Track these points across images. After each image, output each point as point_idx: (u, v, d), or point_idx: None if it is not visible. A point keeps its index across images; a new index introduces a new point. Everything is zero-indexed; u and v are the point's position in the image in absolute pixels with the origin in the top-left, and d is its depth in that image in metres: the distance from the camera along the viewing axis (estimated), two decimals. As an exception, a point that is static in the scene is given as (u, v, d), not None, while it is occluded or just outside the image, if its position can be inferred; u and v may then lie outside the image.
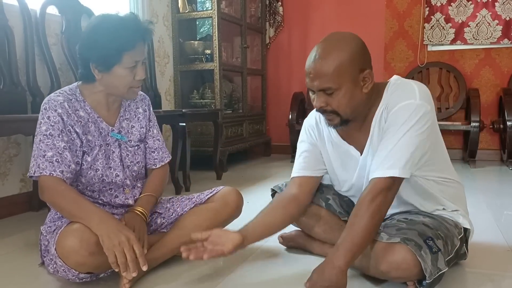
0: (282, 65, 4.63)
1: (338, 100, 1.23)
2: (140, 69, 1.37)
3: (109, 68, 1.32)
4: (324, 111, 1.27)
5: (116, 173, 1.45)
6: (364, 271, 1.32)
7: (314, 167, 1.46)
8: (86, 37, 1.34)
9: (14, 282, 1.41)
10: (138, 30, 1.34)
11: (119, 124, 1.49)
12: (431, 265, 1.13)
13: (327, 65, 1.20)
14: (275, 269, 1.47)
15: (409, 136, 1.19)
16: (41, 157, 1.30)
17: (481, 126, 3.59)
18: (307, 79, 1.26)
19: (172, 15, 3.69)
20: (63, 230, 1.25)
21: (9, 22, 2.16)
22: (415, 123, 1.19)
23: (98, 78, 1.36)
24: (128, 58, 1.32)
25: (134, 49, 1.32)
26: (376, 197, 1.18)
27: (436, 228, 1.24)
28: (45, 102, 1.35)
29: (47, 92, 2.36)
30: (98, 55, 1.31)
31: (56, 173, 1.30)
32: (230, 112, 3.93)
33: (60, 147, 1.31)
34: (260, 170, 3.76)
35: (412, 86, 1.26)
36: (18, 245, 1.79)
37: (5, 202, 2.24)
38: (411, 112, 1.20)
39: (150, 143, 1.58)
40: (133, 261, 1.20)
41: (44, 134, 1.31)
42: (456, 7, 3.96)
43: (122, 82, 1.35)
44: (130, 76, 1.35)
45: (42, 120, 1.33)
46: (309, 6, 4.45)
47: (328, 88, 1.22)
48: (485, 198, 2.53)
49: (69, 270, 1.24)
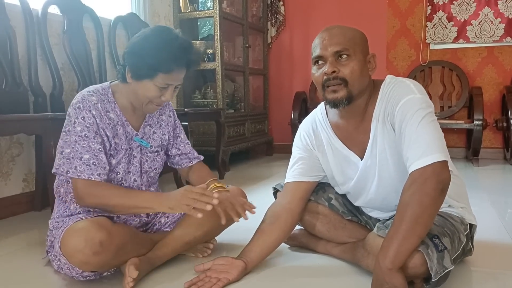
0: (284, 64, 4.63)
1: (351, 67, 1.24)
2: (169, 92, 1.36)
3: (140, 79, 1.33)
4: (334, 77, 1.24)
5: (135, 178, 1.46)
6: (369, 269, 1.31)
7: (310, 173, 1.45)
8: (134, 43, 1.33)
9: (16, 282, 1.41)
10: (182, 58, 1.32)
11: (143, 130, 1.49)
12: (437, 264, 1.12)
13: (345, 31, 1.26)
14: (278, 268, 1.46)
15: (427, 123, 1.17)
16: (77, 159, 1.30)
17: (484, 124, 3.58)
18: (317, 47, 1.26)
19: (174, 14, 3.69)
20: (68, 228, 1.25)
21: (11, 22, 2.16)
22: (427, 113, 1.19)
23: (128, 82, 1.37)
24: (161, 79, 1.31)
25: (170, 74, 1.31)
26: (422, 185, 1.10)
27: (442, 225, 1.23)
28: (79, 101, 1.33)
29: (49, 91, 2.36)
30: (135, 63, 1.31)
31: (94, 176, 1.31)
32: (232, 112, 3.93)
33: (96, 149, 1.32)
34: (262, 170, 3.76)
35: (408, 83, 1.26)
36: (20, 244, 1.78)
37: (8, 202, 2.23)
38: (417, 104, 1.20)
39: (182, 149, 1.62)
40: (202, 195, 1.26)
41: (79, 135, 1.31)
42: (459, 5, 3.95)
43: (146, 95, 1.35)
44: (157, 94, 1.34)
45: (76, 119, 1.31)
46: (310, 6, 4.45)
47: (345, 50, 1.23)
48: (489, 196, 2.52)
49: (73, 268, 1.24)
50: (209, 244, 1.60)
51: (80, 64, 2.54)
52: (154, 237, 1.48)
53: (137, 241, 1.38)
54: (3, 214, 2.19)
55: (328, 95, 1.28)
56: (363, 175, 1.35)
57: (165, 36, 1.31)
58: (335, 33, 1.25)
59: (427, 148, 1.13)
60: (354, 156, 1.35)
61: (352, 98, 1.27)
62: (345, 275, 1.39)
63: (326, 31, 1.27)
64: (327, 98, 1.29)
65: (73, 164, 1.31)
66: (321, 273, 1.41)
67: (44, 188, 2.28)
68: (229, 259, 1.35)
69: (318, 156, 1.44)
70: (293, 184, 1.45)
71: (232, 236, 1.71)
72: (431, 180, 1.10)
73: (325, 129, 1.41)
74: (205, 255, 1.56)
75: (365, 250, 1.30)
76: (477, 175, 3.24)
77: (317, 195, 1.51)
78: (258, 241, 1.39)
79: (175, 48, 1.29)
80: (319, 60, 1.27)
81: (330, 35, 1.25)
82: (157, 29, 1.36)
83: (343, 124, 1.37)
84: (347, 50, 1.23)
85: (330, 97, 1.27)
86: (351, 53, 1.23)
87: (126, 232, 1.33)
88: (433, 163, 1.11)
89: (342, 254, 1.48)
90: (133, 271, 1.25)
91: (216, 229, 1.55)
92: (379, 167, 1.31)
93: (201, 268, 1.35)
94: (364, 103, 1.31)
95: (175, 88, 1.38)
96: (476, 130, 3.57)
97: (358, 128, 1.33)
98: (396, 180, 1.29)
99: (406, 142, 1.18)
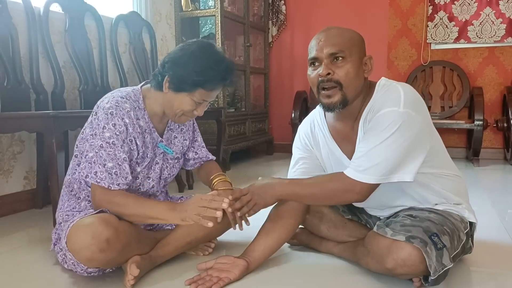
0: (285, 63, 4.63)
1: (346, 70, 1.23)
2: (203, 107, 1.39)
3: (179, 91, 1.34)
4: (329, 80, 1.24)
5: (153, 184, 1.47)
6: (368, 268, 1.31)
7: (311, 172, 1.45)
8: (179, 55, 1.34)
9: (18, 279, 1.41)
10: (227, 79, 1.36)
11: (166, 135, 1.50)
12: (435, 262, 1.13)
13: (341, 32, 1.26)
14: (278, 267, 1.46)
15: (388, 144, 1.17)
16: (100, 165, 1.30)
17: (484, 124, 3.58)
18: (313, 49, 1.26)
19: (175, 13, 3.69)
20: (75, 224, 1.25)
21: (13, 20, 2.16)
22: (395, 131, 1.17)
23: (164, 92, 1.37)
24: (200, 95, 1.34)
25: (210, 92, 1.35)
26: (342, 191, 1.24)
27: (442, 223, 1.23)
28: (112, 106, 1.31)
29: (51, 89, 2.37)
30: (177, 75, 1.32)
31: (114, 186, 1.30)
32: (233, 111, 3.93)
33: (120, 158, 1.31)
34: (262, 169, 3.76)
35: (399, 92, 1.22)
36: (21, 242, 1.79)
37: (9, 199, 2.24)
38: (391, 120, 1.17)
39: (199, 153, 1.65)
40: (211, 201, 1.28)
41: (107, 141, 1.30)
42: (460, 6, 3.95)
43: (180, 107, 1.36)
44: (192, 108, 1.37)
45: (106, 125, 1.30)
46: (312, 5, 4.45)
47: (340, 52, 1.22)
48: (490, 196, 2.52)
49: (78, 264, 1.25)
50: (210, 243, 1.60)
51: (82, 62, 2.54)
52: (158, 236, 1.48)
53: (141, 239, 1.38)
54: (4, 212, 2.20)
55: (323, 100, 1.28)
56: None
57: (214, 56, 1.34)
58: (331, 34, 1.25)
59: (371, 168, 1.19)
60: (346, 159, 1.36)
61: (347, 102, 1.27)
62: (346, 274, 1.39)
63: (322, 32, 1.27)
64: (322, 102, 1.30)
65: (93, 169, 1.30)
66: (321, 272, 1.41)
67: (45, 186, 2.29)
68: (231, 258, 1.35)
69: (317, 156, 1.45)
70: None
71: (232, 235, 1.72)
72: (350, 195, 1.24)
73: (322, 130, 1.41)
74: (206, 253, 1.57)
75: (365, 248, 1.30)
76: (477, 175, 3.24)
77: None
78: (261, 241, 1.39)
79: (222, 69, 1.33)
80: (315, 61, 1.27)
81: (326, 36, 1.25)
82: (205, 46, 1.36)
83: (339, 126, 1.37)
84: (343, 52, 1.22)
85: (325, 102, 1.28)
86: (346, 55, 1.23)
87: (132, 230, 1.33)
88: (363, 183, 1.20)
89: (342, 252, 1.49)
90: (135, 269, 1.26)
91: (218, 230, 1.55)
92: None
93: (203, 266, 1.35)
94: (360, 105, 1.31)
95: (208, 104, 1.41)
96: (476, 130, 3.57)
97: (352, 128, 1.33)
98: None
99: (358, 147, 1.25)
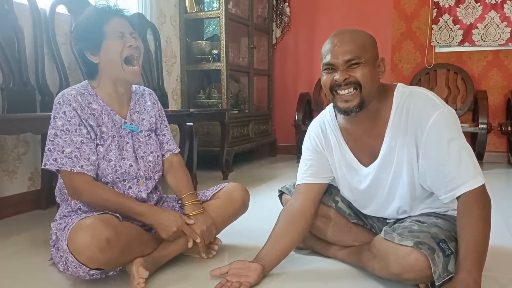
0: (289, 65, 4.63)
1: (363, 72, 1.23)
2: (131, 38, 1.42)
3: (99, 45, 1.39)
4: (348, 83, 1.23)
5: (130, 163, 1.47)
6: (374, 272, 1.31)
7: (321, 174, 1.45)
8: (73, 34, 1.48)
9: (22, 281, 1.41)
10: (110, 8, 1.45)
11: (130, 117, 1.52)
12: (441, 269, 1.13)
13: (355, 37, 1.24)
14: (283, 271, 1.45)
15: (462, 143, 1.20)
16: (59, 152, 1.34)
17: (488, 128, 3.57)
18: (329, 54, 1.25)
19: (180, 15, 3.70)
20: (75, 225, 1.25)
21: (19, 21, 2.17)
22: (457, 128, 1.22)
23: (97, 63, 1.42)
24: (110, 29, 1.39)
25: (110, 21, 1.40)
26: (474, 205, 1.17)
27: (449, 229, 1.23)
28: (59, 97, 1.38)
29: (56, 91, 2.37)
30: (86, 40, 1.41)
31: (76, 168, 1.34)
32: (237, 112, 3.93)
33: (78, 142, 1.35)
34: (266, 171, 3.76)
35: (427, 95, 1.26)
36: (26, 243, 1.79)
37: (13, 200, 2.25)
38: (449, 120, 1.21)
39: (162, 138, 1.62)
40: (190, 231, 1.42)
41: (61, 129, 1.35)
42: (465, 9, 3.95)
43: (115, 54, 1.40)
44: (121, 44, 1.40)
45: (57, 114, 1.36)
46: (316, 7, 4.45)
47: (356, 58, 1.22)
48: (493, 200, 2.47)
49: (80, 267, 1.25)
50: (214, 245, 1.60)
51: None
52: (159, 237, 1.48)
53: (143, 240, 1.39)
54: (8, 212, 2.21)
55: (340, 104, 1.27)
56: (375, 183, 1.35)
57: (86, 11, 1.48)
58: (346, 39, 1.23)
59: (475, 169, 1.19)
60: (357, 163, 1.36)
61: (364, 104, 1.26)
62: (351, 279, 1.39)
63: (336, 37, 1.26)
64: (338, 107, 1.29)
65: (52, 156, 1.34)
66: (326, 277, 1.41)
67: (49, 187, 2.30)
68: (246, 263, 1.34)
69: (327, 157, 1.44)
70: (304, 186, 1.45)
71: (236, 238, 1.72)
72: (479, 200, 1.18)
73: (333, 132, 1.41)
74: (210, 256, 1.57)
75: (371, 253, 1.30)
76: (481, 179, 3.22)
77: (324, 197, 1.50)
78: (274, 245, 1.38)
79: (99, 7, 1.46)
80: (330, 67, 1.26)
81: (341, 41, 1.23)
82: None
83: (352, 128, 1.36)
84: (359, 58, 1.22)
85: (342, 106, 1.27)
86: (362, 60, 1.23)
87: (132, 230, 1.34)
88: (476, 188, 1.18)
89: (347, 257, 1.49)
90: (144, 271, 1.26)
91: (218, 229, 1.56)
92: (392, 177, 1.31)
93: (217, 272, 1.34)
94: (375, 108, 1.30)
95: (135, 37, 1.44)
96: (480, 133, 3.56)
97: (369, 132, 1.32)
98: (407, 192, 1.31)
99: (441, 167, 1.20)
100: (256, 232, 1.43)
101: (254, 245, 1.52)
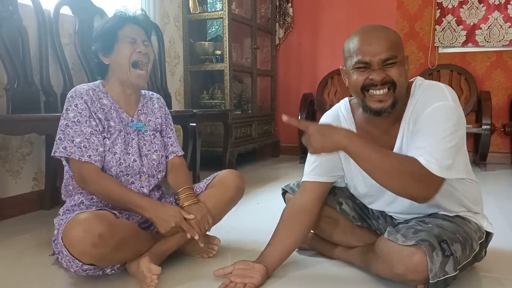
0: (292, 66, 4.63)
1: (399, 71, 1.18)
2: (141, 45, 1.49)
3: (111, 48, 1.48)
4: (384, 83, 1.18)
5: (134, 159, 1.50)
6: (378, 273, 1.31)
7: (329, 173, 1.43)
8: (93, 35, 1.56)
9: (26, 281, 1.42)
10: (127, 15, 1.53)
11: (138, 117, 1.57)
12: (438, 267, 1.12)
13: (389, 35, 1.19)
14: (286, 272, 1.46)
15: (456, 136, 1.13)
16: (69, 141, 1.40)
17: (492, 129, 3.56)
18: (360, 52, 1.18)
19: (183, 15, 3.70)
20: (70, 220, 1.27)
21: (23, 22, 2.18)
22: (453, 124, 1.14)
23: (108, 64, 1.50)
24: (123, 35, 1.48)
25: (124, 28, 1.49)
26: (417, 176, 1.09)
27: (454, 231, 1.21)
28: (72, 91, 1.46)
29: (60, 91, 2.38)
30: (101, 42, 1.50)
31: (84, 158, 1.39)
32: (240, 113, 3.94)
33: (87, 133, 1.41)
34: (269, 171, 3.76)
35: (441, 87, 1.21)
36: (30, 243, 1.80)
37: (18, 200, 2.26)
38: (447, 113, 1.15)
39: (167, 140, 1.65)
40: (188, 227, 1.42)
41: (72, 120, 1.41)
42: (468, 9, 3.94)
43: (124, 58, 1.47)
44: (131, 49, 1.48)
45: (69, 107, 1.43)
46: (319, 7, 4.45)
47: (394, 57, 1.17)
48: (497, 201, 2.51)
49: (73, 261, 1.25)
50: (214, 245, 1.61)
51: (91, 64, 2.56)
52: (156, 235, 1.48)
53: (139, 238, 1.40)
54: (13, 212, 2.22)
55: (373, 104, 1.22)
56: None
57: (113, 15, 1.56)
58: (381, 37, 1.17)
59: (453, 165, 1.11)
60: None
61: (396, 104, 1.22)
62: (354, 281, 1.39)
63: (368, 33, 1.19)
64: (370, 107, 1.23)
65: (62, 145, 1.39)
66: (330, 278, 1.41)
67: (53, 187, 2.31)
68: (250, 263, 1.34)
69: (340, 153, 1.38)
70: (311, 184, 1.43)
71: (239, 238, 1.72)
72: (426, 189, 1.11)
73: (349, 126, 1.36)
74: (210, 255, 1.58)
75: (375, 254, 1.29)
76: (484, 180, 3.22)
77: (328, 199, 1.49)
78: (278, 246, 1.38)
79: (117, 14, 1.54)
80: (364, 65, 1.19)
81: (376, 39, 1.17)
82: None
83: (369, 128, 1.32)
84: (395, 58, 1.17)
85: (375, 107, 1.22)
86: (398, 60, 1.18)
87: (129, 227, 1.35)
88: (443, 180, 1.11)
89: (351, 258, 1.48)
90: (156, 268, 1.28)
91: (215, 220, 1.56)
92: None
93: (221, 272, 1.34)
94: (401, 102, 1.25)
95: (146, 44, 1.51)
96: (484, 134, 3.56)
97: (387, 132, 1.29)
98: None
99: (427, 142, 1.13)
100: (259, 232, 1.43)
101: (257, 245, 1.52)
